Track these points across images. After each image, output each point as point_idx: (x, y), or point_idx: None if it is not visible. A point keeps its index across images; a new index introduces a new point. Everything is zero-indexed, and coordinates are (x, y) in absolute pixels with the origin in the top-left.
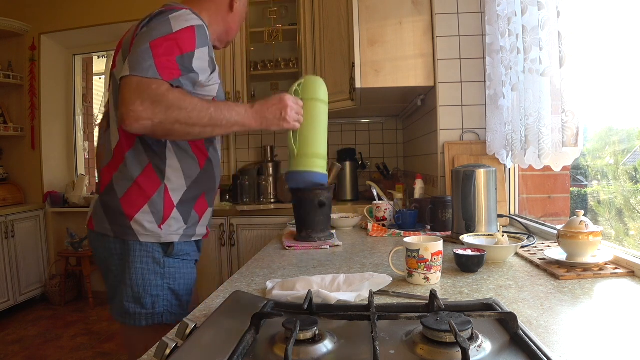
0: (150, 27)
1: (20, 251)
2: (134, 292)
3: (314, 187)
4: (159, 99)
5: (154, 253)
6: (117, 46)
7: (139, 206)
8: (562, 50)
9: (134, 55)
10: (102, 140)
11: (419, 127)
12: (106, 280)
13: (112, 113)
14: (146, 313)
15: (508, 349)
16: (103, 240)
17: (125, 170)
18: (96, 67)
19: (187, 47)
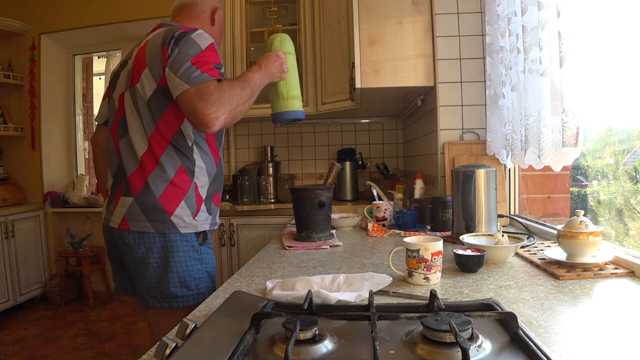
0: (181, 49)
1: (20, 251)
2: (180, 278)
3: (314, 187)
4: (219, 95)
5: (192, 242)
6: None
7: (177, 203)
8: (562, 50)
9: (182, 74)
10: (119, 148)
11: (419, 127)
12: (141, 275)
13: (132, 123)
14: (192, 294)
15: (508, 349)
16: (142, 238)
17: (161, 172)
18: (96, 67)
19: (215, 60)
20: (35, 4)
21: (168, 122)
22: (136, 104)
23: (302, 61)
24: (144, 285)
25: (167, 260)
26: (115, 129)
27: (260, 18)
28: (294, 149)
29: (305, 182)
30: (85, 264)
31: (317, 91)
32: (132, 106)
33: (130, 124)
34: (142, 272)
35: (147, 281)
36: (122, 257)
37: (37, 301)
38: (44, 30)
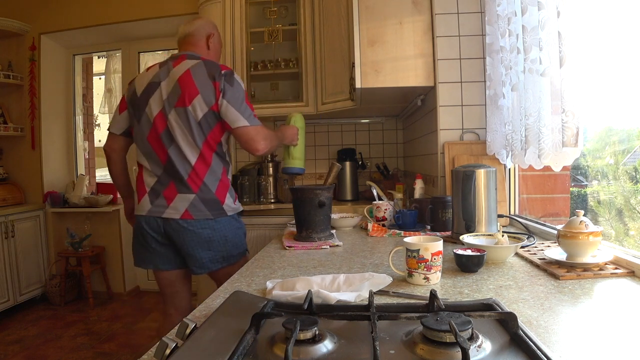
0: (234, 87)
1: (20, 251)
2: (235, 244)
3: (314, 187)
4: (266, 136)
5: (237, 219)
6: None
7: (224, 195)
8: (562, 50)
9: (242, 111)
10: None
11: (419, 127)
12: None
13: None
14: (241, 252)
15: (508, 349)
16: (205, 223)
17: (213, 173)
18: (96, 67)
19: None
20: (35, 4)
21: (214, 136)
22: (186, 121)
23: (302, 61)
24: (206, 257)
25: (225, 235)
26: (158, 140)
27: (260, 18)
28: None
29: (305, 182)
30: (85, 264)
31: (317, 91)
32: (181, 123)
33: (177, 137)
34: (206, 248)
35: (211, 253)
36: (179, 240)
37: (37, 301)
38: (44, 30)
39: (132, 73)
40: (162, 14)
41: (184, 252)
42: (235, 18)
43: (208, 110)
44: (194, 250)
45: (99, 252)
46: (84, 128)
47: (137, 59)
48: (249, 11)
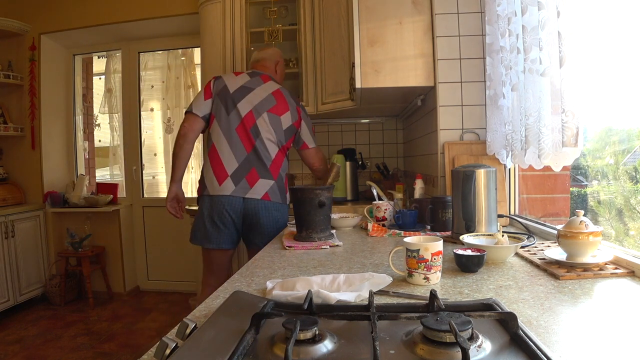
0: (307, 116)
1: (20, 251)
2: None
3: (314, 187)
4: (323, 160)
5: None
6: (278, 101)
7: (286, 187)
8: (562, 50)
9: (311, 134)
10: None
11: (419, 127)
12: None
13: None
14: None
15: (508, 349)
16: (278, 205)
17: (284, 169)
18: (96, 67)
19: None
20: (35, 4)
21: (288, 144)
22: (277, 125)
23: (302, 61)
24: (271, 234)
25: (285, 219)
26: (246, 133)
27: (260, 18)
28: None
29: (305, 182)
30: (85, 264)
31: (317, 91)
32: (271, 125)
33: (263, 134)
34: (274, 226)
35: (274, 231)
36: (253, 219)
37: (37, 301)
38: (44, 30)
39: (132, 73)
40: (162, 14)
41: (255, 229)
42: (235, 18)
43: (291, 124)
44: (264, 228)
45: (99, 252)
46: (84, 128)
47: (137, 59)
48: (249, 11)
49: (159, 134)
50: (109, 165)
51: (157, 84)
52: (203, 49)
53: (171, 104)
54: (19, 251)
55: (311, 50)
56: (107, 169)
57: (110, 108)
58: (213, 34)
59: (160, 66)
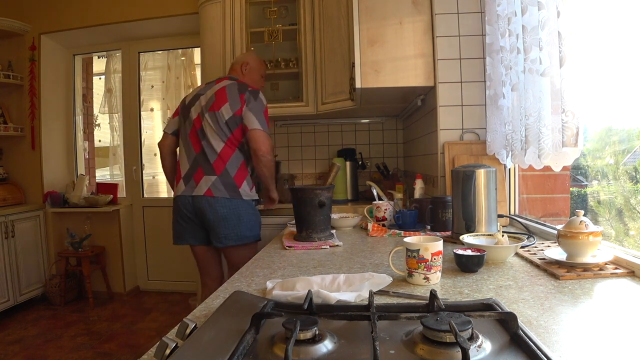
0: (256, 101)
1: (20, 251)
2: (247, 226)
3: (314, 187)
4: (271, 148)
5: (251, 205)
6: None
7: (242, 181)
8: (562, 50)
9: (258, 118)
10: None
11: (419, 127)
12: (219, 227)
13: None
14: (254, 234)
15: (508, 349)
16: (222, 201)
17: (234, 163)
18: (96, 67)
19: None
20: (35, 4)
21: (237, 134)
22: (215, 122)
23: (302, 61)
24: (222, 232)
25: (239, 214)
26: (195, 136)
27: (260, 18)
28: (294, 149)
29: (305, 182)
30: (85, 264)
31: (317, 91)
32: (212, 123)
33: (208, 133)
34: (222, 224)
35: (226, 230)
36: (202, 216)
37: (37, 301)
38: (44, 30)
39: (132, 73)
40: (162, 14)
41: (207, 227)
42: (235, 18)
43: (232, 115)
44: (213, 225)
45: (99, 252)
46: (84, 128)
47: (137, 59)
48: (249, 11)
49: (159, 134)
50: (109, 165)
51: (157, 84)
52: (203, 49)
53: (171, 104)
54: (19, 251)
55: (311, 50)
56: (107, 169)
57: (110, 108)
58: (213, 34)
59: (160, 66)
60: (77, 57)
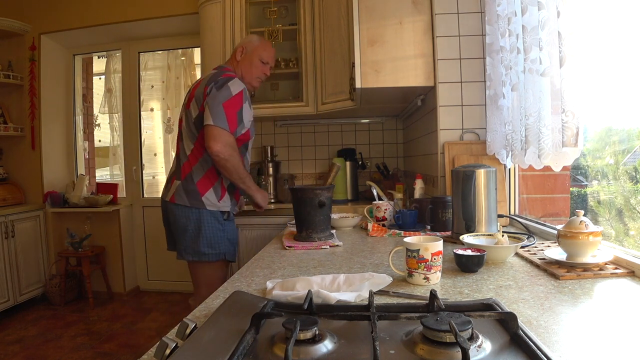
0: (219, 91)
1: (20, 251)
2: (209, 242)
3: (314, 187)
4: (227, 144)
5: (218, 217)
6: (190, 93)
7: (207, 188)
8: (562, 50)
9: (213, 110)
10: (178, 147)
11: (419, 127)
12: (180, 237)
13: (185, 133)
14: (215, 253)
15: (508, 349)
16: (182, 209)
17: (201, 167)
18: (96, 67)
19: (239, 104)
20: (35, 4)
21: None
22: (188, 121)
23: (302, 61)
24: (182, 244)
25: (199, 227)
26: (179, 136)
27: (260, 18)
28: (294, 149)
29: (305, 182)
30: (85, 264)
31: (317, 91)
32: (186, 122)
33: (184, 133)
34: (182, 235)
35: (185, 242)
36: (168, 223)
37: (37, 301)
38: (44, 30)
39: (132, 73)
40: (162, 14)
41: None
42: (235, 18)
43: (198, 112)
44: (175, 235)
45: (99, 252)
46: (84, 128)
47: (137, 59)
48: (249, 11)
49: (159, 134)
50: (109, 165)
51: (157, 84)
52: (203, 49)
53: (171, 104)
54: (19, 251)
55: (311, 50)
56: (107, 169)
57: (110, 108)
58: (213, 34)
59: (160, 66)
60: (77, 57)
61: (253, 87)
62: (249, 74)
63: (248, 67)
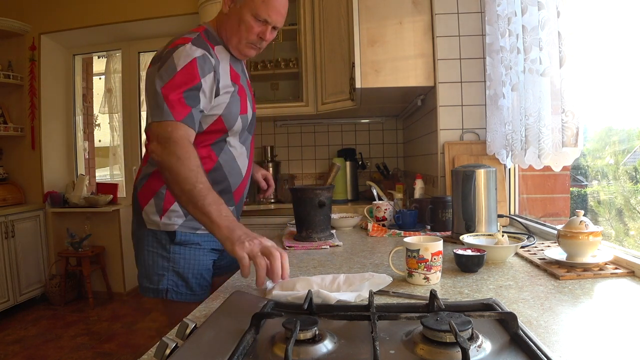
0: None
1: (20, 251)
2: (145, 270)
3: (314, 187)
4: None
5: (161, 240)
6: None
7: (147, 199)
8: (562, 50)
9: (151, 100)
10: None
11: (419, 127)
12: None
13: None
14: (153, 288)
15: (508, 349)
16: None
17: (144, 169)
18: (96, 67)
19: (191, 80)
20: (35, 4)
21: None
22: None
23: (302, 61)
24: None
25: (139, 251)
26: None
27: None
28: (294, 149)
29: (305, 182)
30: (85, 264)
31: (317, 91)
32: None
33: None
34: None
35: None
36: None
37: (37, 301)
38: (44, 30)
39: (132, 73)
40: (162, 14)
41: None
42: None
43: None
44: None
45: (99, 252)
46: (84, 128)
47: (137, 59)
48: None
49: None
50: (109, 165)
51: None
52: None
53: None
54: (19, 251)
55: (311, 50)
56: (107, 169)
57: (110, 108)
58: None
59: None
60: (77, 57)
61: (244, 55)
62: (236, 36)
63: (235, 26)
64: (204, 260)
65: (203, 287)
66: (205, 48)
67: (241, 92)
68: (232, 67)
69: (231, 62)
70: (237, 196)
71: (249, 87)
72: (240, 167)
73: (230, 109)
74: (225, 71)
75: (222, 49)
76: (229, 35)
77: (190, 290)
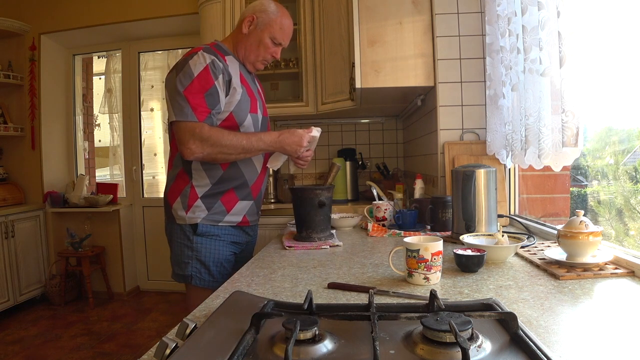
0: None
1: (20, 251)
2: (175, 258)
3: (314, 187)
4: (205, 138)
5: (187, 232)
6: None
7: (175, 198)
8: (562, 50)
9: (174, 101)
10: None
11: (419, 127)
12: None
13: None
14: (181, 274)
15: (508, 349)
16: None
17: (171, 172)
18: (96, 67)
19: (207, 84)
20: (35, 4)
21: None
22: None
23: (302, 61)
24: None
25: (171, 242)
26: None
27: None
28: None
29: (305, 182)
30: (85, 264)
31: (317, 91)
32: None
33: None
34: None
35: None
36: None
37: (37, 301)
38: (44, 30)
39: (132, 73)
40: (162, 14)
41: None
42: (235, 18)
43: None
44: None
45: (99, 252)
46: (84, 128)
47: (137, 59)
48: None
49: (159, 134)
50: (109, 165)
51: (157, 84)
52: None
53: None
54: (19, 251)
55: (311, 50)
56: (107, 169)
57: (110, 108)
58: (213, 34)
59: (160, 66)
60: (77, 57)
61: (256, 69)
62: (254, 54)
63: (255, 46)
64: (223, 251)
65: (224, 275)
66: (214, 55)
67: (250, 94)
68: (242, 74)
69: (241, 70)
70: (255, 191)
71: (260, 95)
72: (255, 164)
73: (240, 107)
74: (235, 73)
75: (232, 59)
76: (247, 52)
77: (212, 278)
